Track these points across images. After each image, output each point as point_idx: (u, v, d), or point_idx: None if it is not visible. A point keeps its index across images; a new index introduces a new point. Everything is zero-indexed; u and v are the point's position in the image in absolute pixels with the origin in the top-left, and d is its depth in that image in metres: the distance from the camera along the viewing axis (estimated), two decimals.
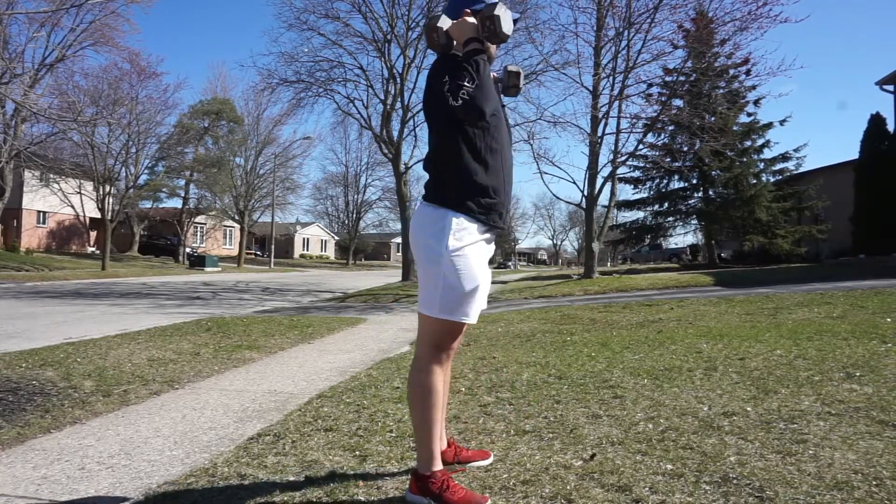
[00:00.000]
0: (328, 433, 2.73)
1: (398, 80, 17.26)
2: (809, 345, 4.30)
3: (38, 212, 32.86)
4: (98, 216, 27.66)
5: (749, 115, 22.30)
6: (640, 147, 17.49)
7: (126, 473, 2.33)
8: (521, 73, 2.32)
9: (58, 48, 20.86)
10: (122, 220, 32.36)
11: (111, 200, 26.31)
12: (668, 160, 20.20)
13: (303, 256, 54.89)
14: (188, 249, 36.65)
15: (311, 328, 6.90)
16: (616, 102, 15.11)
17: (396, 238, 55.98)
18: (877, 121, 16.98)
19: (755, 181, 21.84)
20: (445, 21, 2.03)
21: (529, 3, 15.13)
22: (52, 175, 27.55)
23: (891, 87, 16.81)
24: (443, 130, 2.02)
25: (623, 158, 16.60)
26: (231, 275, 25.80)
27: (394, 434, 2.68)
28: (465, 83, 1.86)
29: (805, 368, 3.56)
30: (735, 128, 20.37)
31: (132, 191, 29.79)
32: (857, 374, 3.33)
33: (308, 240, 58.44)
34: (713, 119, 15.97)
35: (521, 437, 2.57)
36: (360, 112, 18.62)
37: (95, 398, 3.50)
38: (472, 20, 2.01)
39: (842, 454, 2.18)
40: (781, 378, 3.35)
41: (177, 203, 37.48)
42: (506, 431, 2.66)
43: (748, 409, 2.79)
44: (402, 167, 18.11)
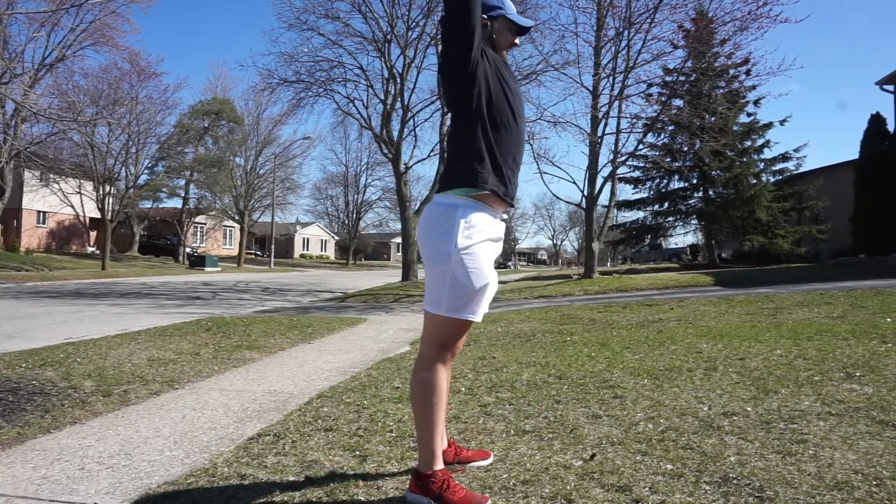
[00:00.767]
0: (328, 433, 2.73)
1: (398, 80, 17.26)
2: (809, 345, 4.30)
3: (38, 212, 32.87)
4: (98, 216, 27.67)
5: (749, 115, 22.34)
6: (640, 147, 17.50)
7: (126, 473, 2.33)
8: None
9: (58, 48, 20.87)
10: (122, 220, 32.38)
11: (111, 200, 26.32)
12: (668, 160, 20.21)
13: (303, 256, 54.89)
14: (188, 249, 36.66)
15: (311, 328, 6.90)
16: (616, 102, 15.12)
17: (396, 238, 55.96)
18: (877, 121, 16.99)
19: (755, 181, 21.86)
20: None
21: (529, 3, 15.15)
22: (52, 175, 27.59)
23: (891, 87, 16.82)
24: (458, 113, 2.01)
25: (623, 158, 16.61)
26: (231, 275, 25.80)
27: (394, 434, 2.68)
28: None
29: (805, 368, 3.56)
30: (735, 128, 20.39)
31: (132, 191, 29.81)
32: (858, 374, 3.33)
33: (308, 240, 58.43)
34: (713, 119, 15.99)
35: (521, 437, 2.56)
36: (360, 112, 18.66)
37: (95, 398, 3.50)
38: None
39: (842, 454, 2.18)
40: (781, 378, 3.35)
41: (177, 203, 37.58)
42: (506, 431, 2.66)
43: (748, 409, 2.78)
44: (402, 167, 18.12)
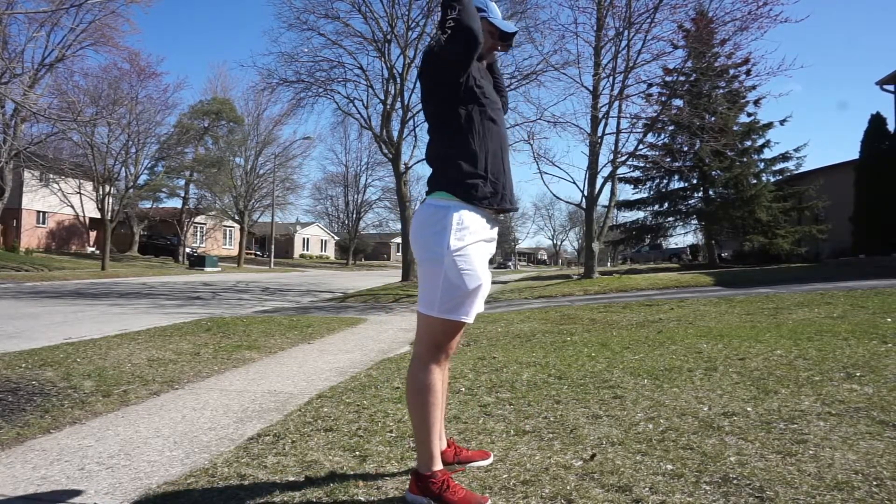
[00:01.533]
0: (328, 433, 2.73)
1: (398, 80, 17.25)
2: (809, 345, 4.30)
3: (38, 212, 32.86)
4: (98, 216, 27.67)
5: (749, 115, 22.33)
6: (640, 147, 17.52)
7: (126, 474, 2.33)
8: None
9: (57, 48, 20.87)
10: (122, 220, 32.37)
11: (111, 200, 26.31)
12: (668, 160, 20.21)
13: (303, 256, 54.88)
14: (188, 249, 36.66)
15: (311, 328, 6.90)
16: (616, 102, 15.13)
17: (396, 238, 55.99)
18: (877, 121, 16.99)
19: (755, 181, 21.86)
20: None
21: (529, 3, 15.16)
22: (52, 175, 27.57)
23: (891, 87, 16.82)
24: (440, 118, 2.03)
25: (623, 158, 16.61)
26: (231, 275, 25.80)
27: (394, 434, 2.68)
28: (448, 13, 1.86)
29: (805, 368, 3.56)
30: (735, 128, 20.38)
31: (132, 191, 29.79)
32: (858, 375, 3.33)
33: (308, 240, 58.43)
34: (713, 119, 16.00)
35: (521, 437, 2.56)
36: (360, 112, 18.65)
37: (95, 398, 3.50)
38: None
39: (842, 454, 2.18)
40: (781, 378, 3.35)
41: (177, 203, 37.59)
42: (506, 431, 2.66)
43: (748, 410, 2.78)
44: (402, 167, 18.10)
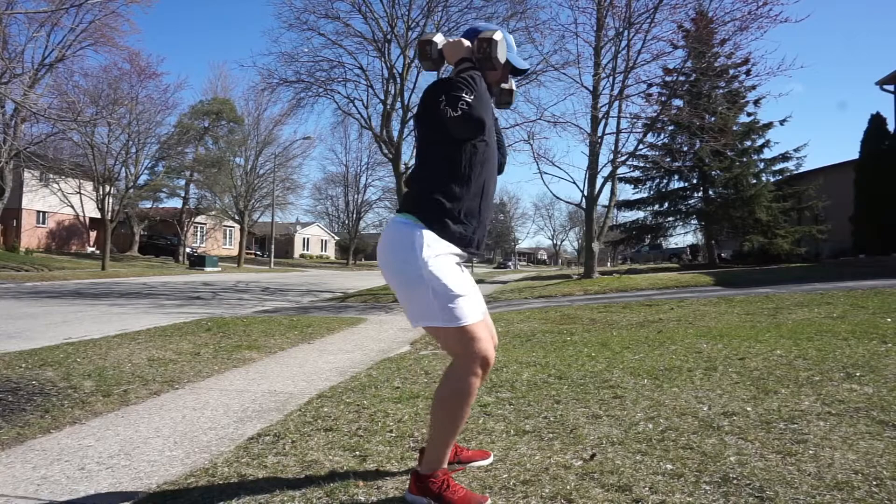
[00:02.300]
0: (328, 433, 2.73)
1: (398, 80, 17.24)
2: (809, 345, 4.30)
3: (38, 212, 32.87)
4: (98, 216, 27.66)
5: (749, 115, 22.33)
6: (640, 147, 17.52)
7: (126, 474, 2.33)
8: (515, 91, 2.32)
9: (58, 48, 20.86)
10: (122, 220, 32.39)
11: (111, 200, 26.30)
12: (668, 160, 20.22)
13: (303, 256, 54.89)
14: (188, 249, 36.67)
15: (311, 328, 6.90)
16: (616, 102, 15.12)
17: None
18: (877, 121, 16.99)
19: (755, 181, 21.85)
20: (441, 38, 2.09)
21: (529, 3, 15.14)
22: (52, 175, 27.57)
23: (891, 87, 16.82)
24: (431, 147, 2.02)
25: (623, 158, 16.60)
26: (231, 275, 25.79)
27: (394, 434, 2.68)
28: (464, 95, 1.86)
29: (805, 368, 3.56)
30: (735, 128, 20.37)
31: (132, 191, 29.78)
32: (858, 374, 3.33)
33: (308, 240, 58.44)
34: (713, 119, 15.99)
35: (521, 437, 2.56)
36: (360, 112, 18.61)
37: (95, 398, 3.50)
38: (467, 43, 2.05)
39: (842, 454, 2.18)
40: (781, 378, 3.35)
41: (177, 203, 37.59)
42: (506, 431, 2.66)
43: (748, 409, 2.78)
44: (403, 167, 18.08)
